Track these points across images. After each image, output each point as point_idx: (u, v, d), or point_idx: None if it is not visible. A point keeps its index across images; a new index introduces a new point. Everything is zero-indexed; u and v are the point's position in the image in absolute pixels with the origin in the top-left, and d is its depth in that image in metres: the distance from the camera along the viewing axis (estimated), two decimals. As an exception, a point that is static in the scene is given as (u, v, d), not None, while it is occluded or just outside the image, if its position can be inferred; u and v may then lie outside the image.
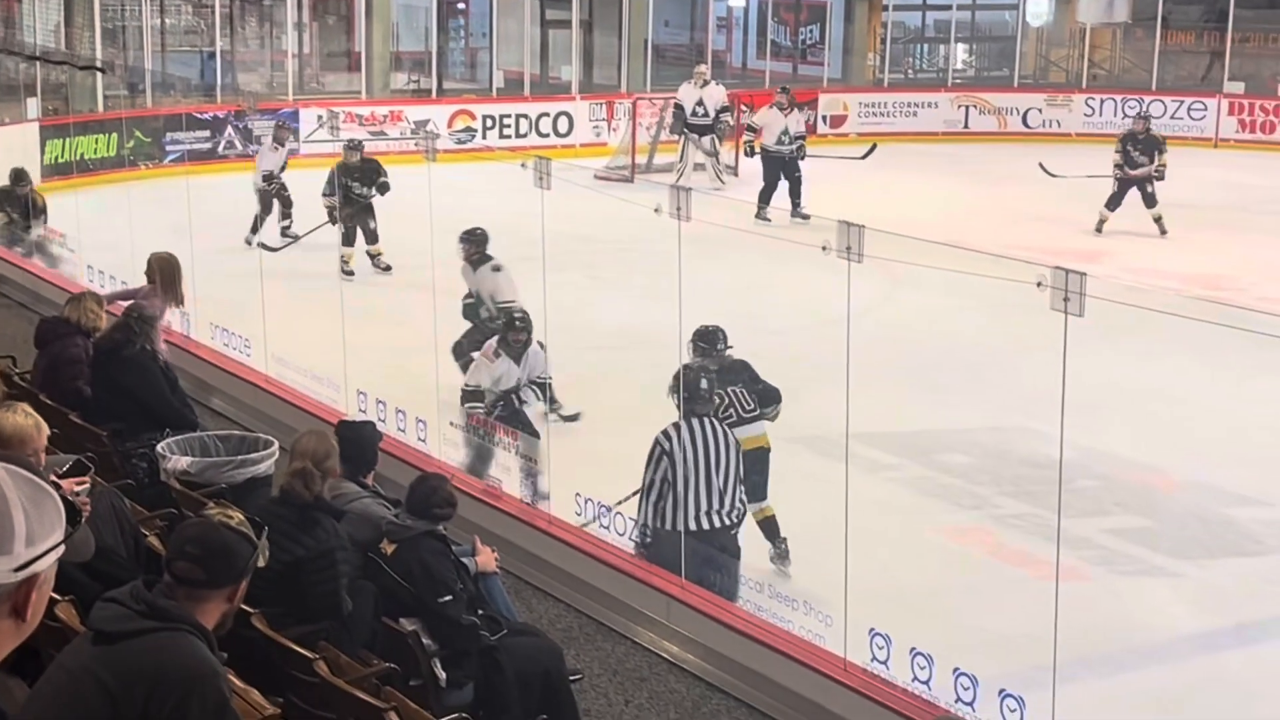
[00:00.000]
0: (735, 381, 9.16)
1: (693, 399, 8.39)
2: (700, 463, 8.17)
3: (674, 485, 8.19)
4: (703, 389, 8.40)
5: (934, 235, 13.00)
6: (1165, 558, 9.84)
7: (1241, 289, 16.41)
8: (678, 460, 8.17)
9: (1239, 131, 28.11)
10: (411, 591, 6.68)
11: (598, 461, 10.11)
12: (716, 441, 8.25)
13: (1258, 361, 12.50)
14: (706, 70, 23.56)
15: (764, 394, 9.27)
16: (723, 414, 8.87)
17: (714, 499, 8.21)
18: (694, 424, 8.28)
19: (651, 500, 8.32)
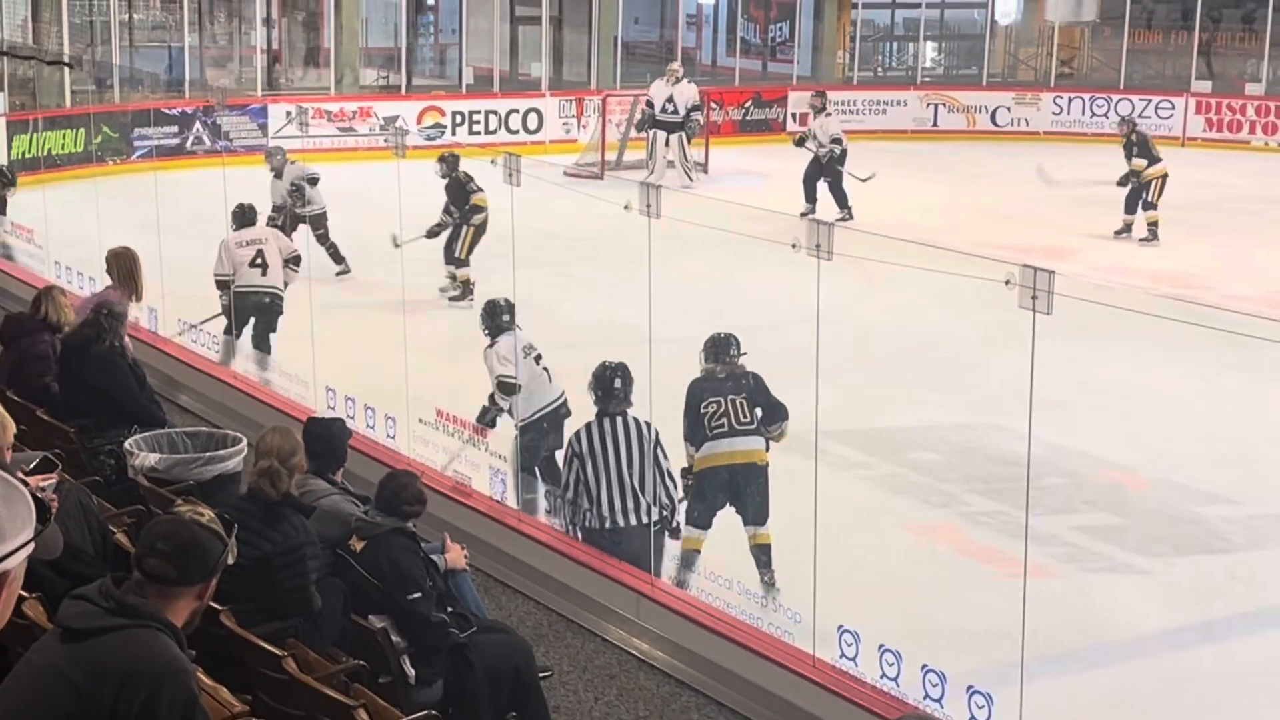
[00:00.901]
0: (738, 391, 8.84)
1: (606, 397, 8.38)
2: (612, 462, 8.18)
3: (587, 485, 8.23)
4: (616, 388, 8.38)
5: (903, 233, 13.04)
6: (1133, 555, 9.88)
7: (1209, 287, 16.49)
8: (587, 460, 8.20)
9: (1206, 130, 28.25)
10: (380, 588, 6.67)
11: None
12: (629, 440, 8.24)
13: (1226, 360, 12.56)
14: (679, 68, 23.55)
15: (770, 410, 8.89)
16: (714, 424, 8.69)
17: (627, 498, 8.21)
18: (605, 423, 8.29)
19: (569, 499, 8.38)
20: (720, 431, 8.71)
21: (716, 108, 26.85)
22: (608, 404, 8.38)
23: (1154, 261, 18.01)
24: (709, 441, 8.73)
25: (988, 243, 17.52)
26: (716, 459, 8.76)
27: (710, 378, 8.91)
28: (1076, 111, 28.77)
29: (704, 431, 8.73)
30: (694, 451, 8.81)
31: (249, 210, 13.24)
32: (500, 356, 9.81)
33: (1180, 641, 8.87)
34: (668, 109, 22.67)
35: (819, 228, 7.12)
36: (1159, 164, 19.88)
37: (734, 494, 8.83)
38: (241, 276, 12.77)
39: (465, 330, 14.19)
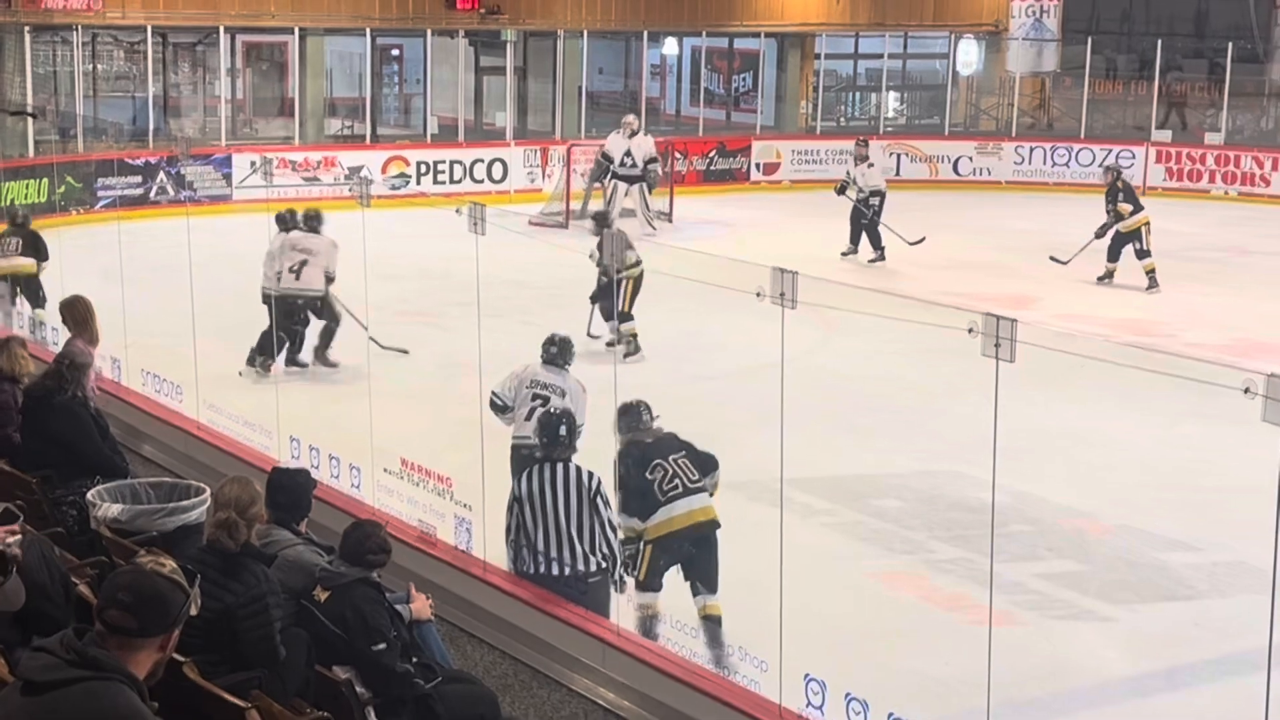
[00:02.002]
0: (676, 451, 8.72)
1: (551, 443, 8.36)
2: (550, 508, 8.14)
3: (525, 530, 8.21)
4: (561, 434, 8.33)
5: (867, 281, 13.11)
6: (1096, 602, 9.90)
7: (1171, 335, 16.61)
8: (527, 505, 8.19)
9: (1167, 180, 28.51)
10: (345, 639, 6.63)
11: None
12: (568, 488, 8.18)
13: (1186, 406, 12.64)
14: (635, 120, 23.65)
15: (703, 463, 8.81)
16: (667, 487, 8.53)
17: (563, 546, 8.16)
18: (547, 469, 8.26)
19: (511, 542, 8.35)
20: (675, 493, 8.55)
21: (681, 157, 26.97)
22: (552, 450, 8.35)
23: (1116, 310, 18.12)
24: (665, 506, 8.54)
25: (951, 291, 17.65)
26: (676, 522, 8.57)
27: (639, 445, 8.74)
28: (1038, 161, 29.01)
29: (657, 497, 8.53)
30: (641, 524, 8.58)
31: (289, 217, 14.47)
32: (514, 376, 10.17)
33: (1144, 689, 8.88)
34: (626, 162, 22.78)
35: (783, 276, 7.14)
36: (1142, 212, 20.08)
37: (689, 560, 8.66)
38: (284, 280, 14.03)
39: (430, 380, 14.21)
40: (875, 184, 21.31)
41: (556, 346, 10.29)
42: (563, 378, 10.23)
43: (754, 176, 28.37)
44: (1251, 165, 28.24)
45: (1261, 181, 28.10)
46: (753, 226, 23.77)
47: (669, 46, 31.27)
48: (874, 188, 21.26)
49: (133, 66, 26.79)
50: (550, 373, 10.24)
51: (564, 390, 10.13)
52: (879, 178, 21.56)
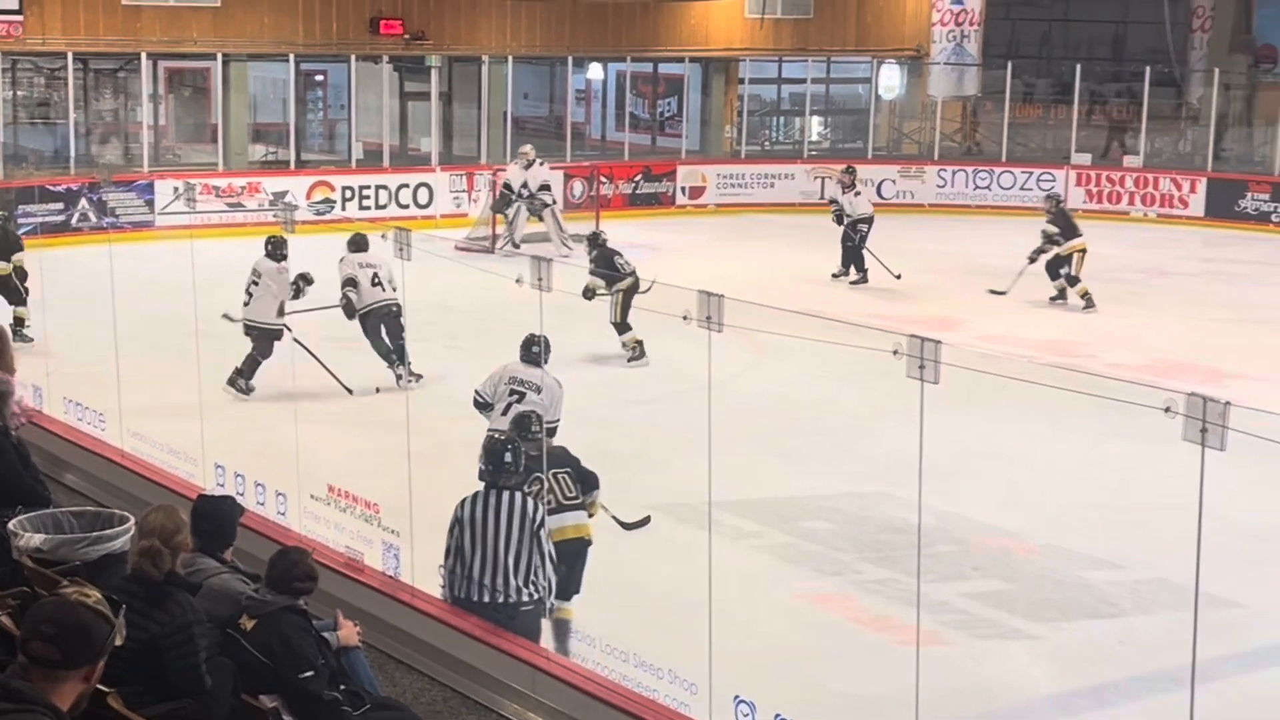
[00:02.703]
0: (560, 466, 8.97)
1: (496, 470, 8.31)
2: (489, 535, 8.08)
3: (462, 553, 8.16)
4: (507, 461, 8.29)
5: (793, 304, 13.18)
6: (1023, 621, 9.97)
7: (1091, 355, 16.77)
8: (466, 528, 8.14)
9: (1087, 202, 28.83)
10: (272, 667, 6.58)
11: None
12: (510, 517, 8.11)
13: (1108, 426, 12.75)
14: (531, 150, 23.80)
15: (584, 480, 9.09)
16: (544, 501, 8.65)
17: (498, 575, 8.10)
18: (491, 496, 8.21)
19: (448, 566, 8.30)
20: (552, 509, 8.68)
21: (606, 181, 27.02)
22: (497, 477, 8.31)
23: (1039, 331, 18.29)
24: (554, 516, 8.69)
25: (876, 313, 17.78)
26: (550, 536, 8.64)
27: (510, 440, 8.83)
28: (960, 184, 29.27)
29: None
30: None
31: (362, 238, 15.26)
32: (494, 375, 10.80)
33: (1070, 707, 8.95)
34: (523, 193, 23.06)
35: (709, 299, 7.17)
36: (1078, 239, 20.51)
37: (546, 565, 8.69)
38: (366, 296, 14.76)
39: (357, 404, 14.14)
40: (863, 211, 21.91)
41: (538, 346, 10.78)
42: (540, 375, 10.80)
43: (679, 200, 28.46)
44: (1170, 187, 28.61)
45: (1180, 203, 28.48)
46: (679, 250, 23.84)
47: (594, 71, 31.34)
48: (861, 215, 21.84)
49: (54, 93, 26.54)
50: (528, 370, 10.83)
51: (539, 387, 10.75)
52: (866, 205, 22.16)
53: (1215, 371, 16.03)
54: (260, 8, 26.34)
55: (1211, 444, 5.33)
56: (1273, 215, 27.64)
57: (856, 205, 21.91)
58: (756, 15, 31.03)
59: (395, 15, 27.45)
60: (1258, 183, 28.16)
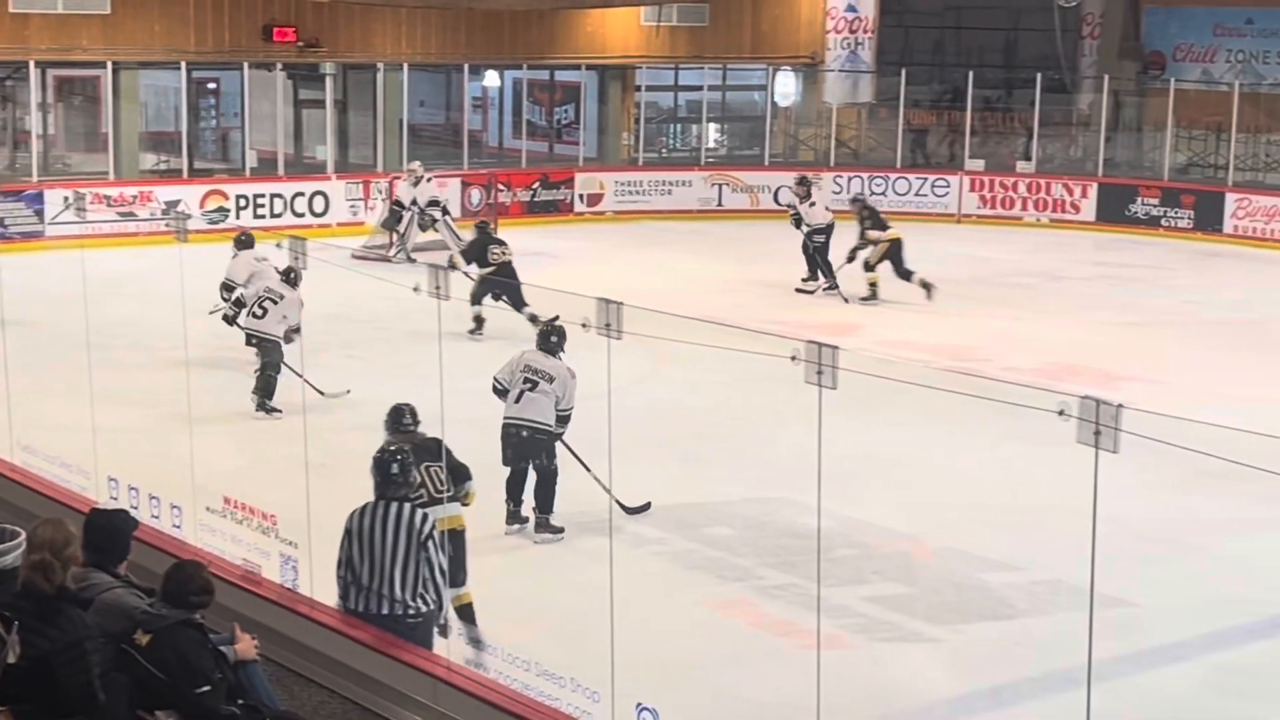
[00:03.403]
0: (432, 460, 9.11)
1: (384, 482, 8.25)
2: (377, 547, 8.02)
3: (351, 564, 8.12)
4: (394, 473, 8.24)
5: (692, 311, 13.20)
6: (922, 624, 10.05)
7: (988, 359, 16.95)
8: (355, 540, 8.10)
9: (980, 207, 29.19)
10: (168, 683, 6.48)
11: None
12: (398, 529, 8.05)
13: (1004, 429, 12.90)
14: (419, 167, 23.75)
15: (455, 472, 9.29)
16: (414, 495, 8.70)
17: (385, 585, 8.05)
18: (380, 507, 8.16)
19: (339, 575, 8.25)
20: (422, 502, 8.78)
21: (504, 189, 26.96)
22: (385, 489, 8.25)
23: (935, 335, 18.45)
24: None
25: (774, 319, 17.85)
26: None
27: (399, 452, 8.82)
28: (856, 190, 29.45)
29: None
30: None
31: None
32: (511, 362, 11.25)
33: (970, 708, 9.03)
34: (412, 210, 23.09)
35: (608, 307, 7.16)
36: (888, 230, 21.11)
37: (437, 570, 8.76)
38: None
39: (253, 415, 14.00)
40: (819, 220, 21.92)
41: (556, 336, 11.33)
42: (553, 365, 11.29)
43: (578, 208, 28.45)
44: (1062, 193, 29.00)
45: (1072, 208, 28.87)
46: (577, 258, 23.83)
47: (490, 79, 31.25)
48: (817, 224, 21.85)
49: (-62, 102, 26.10)
50: (544, 359, 11.33)
51: (552, 376, 11.23)
52: (822, 213, 22.14)
53: (1108, 374, 16.26)
54: (151, 15, 26.02)
55: (1105, 446, 5.40)
56: (1163, 219, 28.09)
57: (812, 214, 21.90)
58: (652, 23, 31.10)
59: (288, 23, 27.21)
60: (1148, 187, 28.60)
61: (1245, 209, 27.40)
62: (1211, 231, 27.52)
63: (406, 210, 23.14)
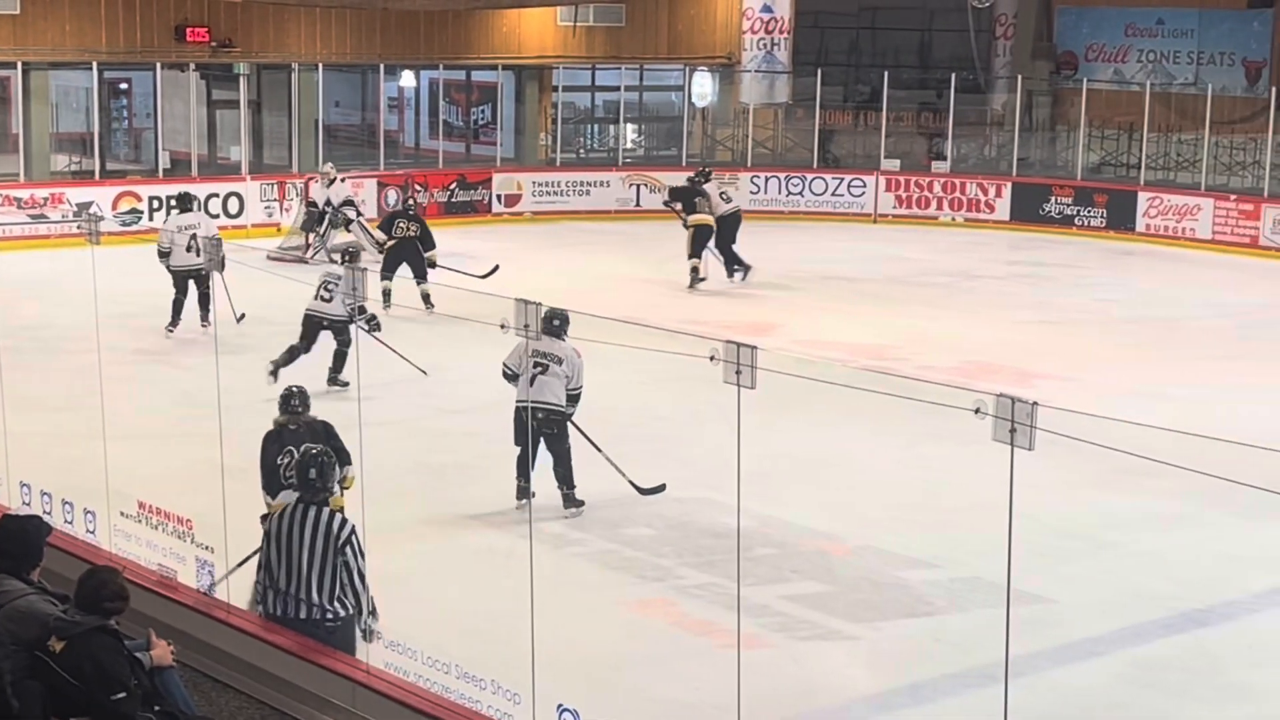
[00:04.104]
0: (317, 441, 9.35)
1: (303, 486, 8.21)
2: (295, 551, 8.00)
3: (270, 568, 8.08)
4: (312, 477, 8.18)
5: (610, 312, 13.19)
6: (841, 621, 10.09)
7: (903, 359, 17.05)
8: (272, 543, 8.06)
9: (896, 207, 29.38)
10: (83, 690, 6.42)
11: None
12: (315, 532, 8.02)
13: (922, 428, 12.98)
14: (332, 169, 23.67)
15: (338, 455, 9.39)
16: (288, 475, 9.31)
17: (302, 589, 8.02)
18: (299, 511, 8.12)
19: (258, 579, 8.22)
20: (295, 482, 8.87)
21: (421, 190, 26.84)
22: (304, 492, 8.19)
23: (853, 335, 18.54)
24: (285, 490, 9.35)
25: (693, 319, 17.89)
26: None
27: (284, 430, 9.69)
28: (774, 190, 29.60)
29: (279, 482, 9.47)
30: (271, 499, 9.50)
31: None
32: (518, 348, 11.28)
33: (889, 705, 9.08)
34: (326, 211, 23.09)
35: (526, 307, 7.15)
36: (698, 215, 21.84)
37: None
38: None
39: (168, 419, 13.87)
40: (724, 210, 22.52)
41: (559, 320, 11.64)
42: (560, 347, 11.67)
43: (495, 208, 28.38)
44: (977, 192, 29.24)
45: (987, 208, 29.11)
46: (495, 259, 23.73)
47: (406, 79, 31.10)
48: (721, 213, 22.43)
49: None
50: (550, 343, 11.60)
51: (560, 358, 11.62)
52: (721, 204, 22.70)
53: (1023, 373, 16.41)
54: (62, 15, 25.72)
55: (1020, 444, 5.44)
56: (1076, 218, 28.38)
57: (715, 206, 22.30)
58: (569, 23, 31.08)
59: (201, 22, 26.97)
60: (1061, 186, 28.89)
61: (1157, 208, 27.74)
62: (1124, 230, 27.84)
63: (322, 211, 23.06)
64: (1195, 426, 7.67)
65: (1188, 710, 9.00)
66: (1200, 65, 30.93)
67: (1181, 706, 9.02)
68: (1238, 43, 30.69)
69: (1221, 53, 30.83)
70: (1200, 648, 9.86)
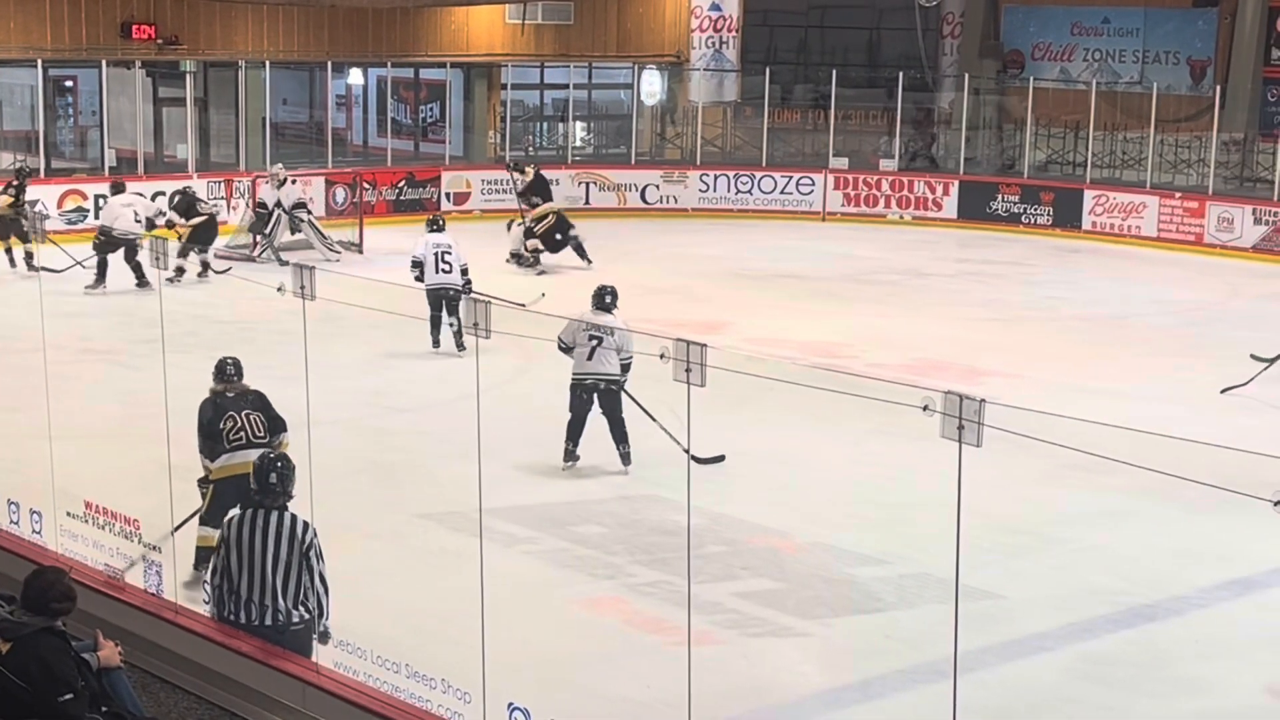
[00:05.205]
0: (253, 408, 9.98)
1: (263, 491, 8.15)
2: (257, 556, 7.93)
3: (229, 574, 8.00)
4: (272, 482, 8.12)
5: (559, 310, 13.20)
6: (792, 618, 10.11)
7: (853, 356, 17.11)
8: (233, 549, 7.98)
9: (845, 205, 29.48)
10: (29, 691, 6.37)
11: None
12: (279, 538, 7.96)
13: (871, 425, 13.04)
14: (281, 170, 23.63)
15: (273, 423, 9.98)
16: (232, 438, 9.77)
17: (266, 595, 7.96)
18: (259, 516, 8.04)
19: (214, 584, 8.15)
20: (239, 444, 9.75)
21: (370, 188, 26.75)
22: (264, 497, 8.12)
23: (803, 332, 18.58)
24: (228, 453, 9.76)
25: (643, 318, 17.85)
26: (235, 468, 9.58)
27: (221, 396, 10.06)
28: (723, 188, 29.65)
29: (223, 445, 9.80)
30: (210, 463, 9.89)
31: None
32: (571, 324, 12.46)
33: (840, 700, 9.10)
34: (276, 212, 23.14)
35: (476, 305, 7.13)
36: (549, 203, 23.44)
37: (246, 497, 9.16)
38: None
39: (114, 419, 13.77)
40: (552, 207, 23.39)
41: (610, 296, 12.95)
42: (611, 319, 12.68)
43: (444, 206, 28.30)
44: (924, 190, 29.37)
45: (934, 206, 29.25)
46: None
47: (354, 76, 31.00)
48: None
49: None
50: (603, 317, 12.66)
51: (614, 330, 12.50)
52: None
53: (972, 370, 16.49)
54: (6, 12, 25.50)
55: (968, 440, 5.47)
56: (1023, 216, 28.55)
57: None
58: (517, 21, 31.04)
59: (147, 20, 26.81)
60: (1008, 185, 29.06)
61: (1103, 205, 27.93)
62: (1070, 228, 28.03)
63: (270, 212, 23.00)
64: (1143, 423, 7.73)
65: (1137, 705, 9.06)
66: (1146, 64, 31.19)
67: (1131, 701, 9.08)
68: (1183, 41, 30.95)
69: (1166, 51, 31.10)
70: (1149, 642, 9.93)
